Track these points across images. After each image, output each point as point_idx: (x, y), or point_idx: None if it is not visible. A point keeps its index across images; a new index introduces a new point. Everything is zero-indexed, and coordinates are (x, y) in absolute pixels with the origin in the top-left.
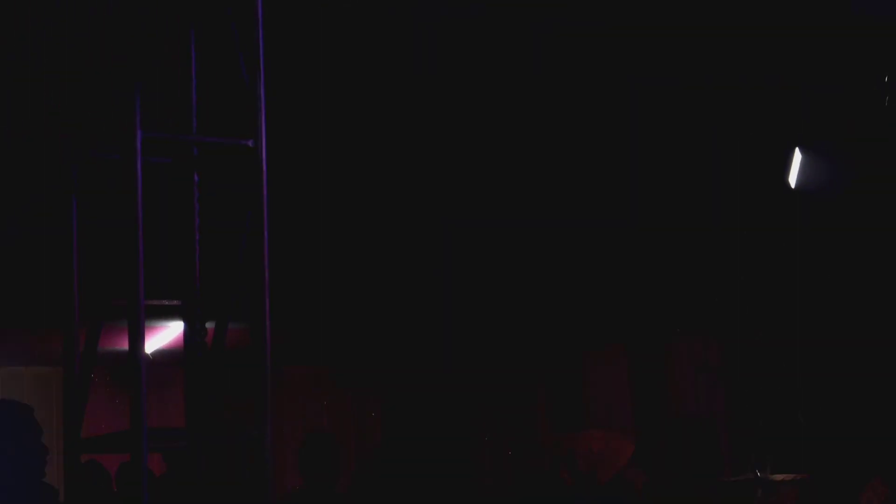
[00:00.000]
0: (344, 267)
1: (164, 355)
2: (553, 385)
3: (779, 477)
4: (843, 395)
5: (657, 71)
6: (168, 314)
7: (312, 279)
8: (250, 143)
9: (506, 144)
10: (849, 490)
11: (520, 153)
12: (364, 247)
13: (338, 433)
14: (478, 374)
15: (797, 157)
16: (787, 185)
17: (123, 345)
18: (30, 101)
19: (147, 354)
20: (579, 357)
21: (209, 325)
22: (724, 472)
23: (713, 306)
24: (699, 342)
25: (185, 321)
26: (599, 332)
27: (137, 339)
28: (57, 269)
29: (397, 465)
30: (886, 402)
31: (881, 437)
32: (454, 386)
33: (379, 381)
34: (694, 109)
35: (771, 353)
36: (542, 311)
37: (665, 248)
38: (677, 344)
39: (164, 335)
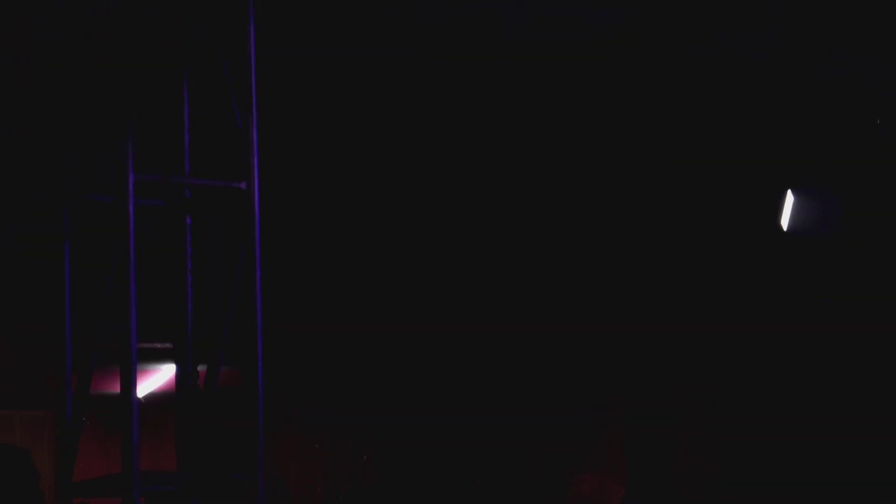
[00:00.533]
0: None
1: (156, 398)
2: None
3: None
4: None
5: None
6: (160, 357)
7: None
8: (243, 186)
9: None
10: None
11: None
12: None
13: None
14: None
15: (790, 199)
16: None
17: (115, 388)
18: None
19: (139, 398)
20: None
21: (201, 368)
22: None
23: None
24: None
25: (176, 364)
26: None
27: (130, 383)
28: (50, 312)
29: None
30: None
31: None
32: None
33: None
34: None
35: None
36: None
37: None
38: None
39: (157, 378)
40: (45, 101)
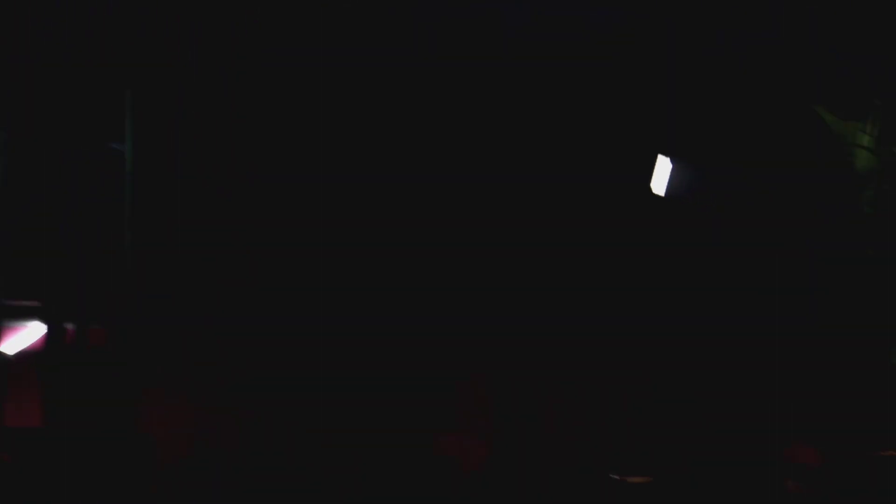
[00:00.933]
0: None
1: (23, 355)
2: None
3: (634, 479)
4: None
5: None
6: (28, 315)
7: None
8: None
9: None
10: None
11: None
12: None
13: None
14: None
15: (664, 164)
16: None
17: None
18: None
19: (6, 355)
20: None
21: (70, 326)
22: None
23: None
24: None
25: (44, 322)
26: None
27: None
28: None
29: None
30: None
31: None
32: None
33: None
34: None
35: None
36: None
37: None
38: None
39: (25, 336)
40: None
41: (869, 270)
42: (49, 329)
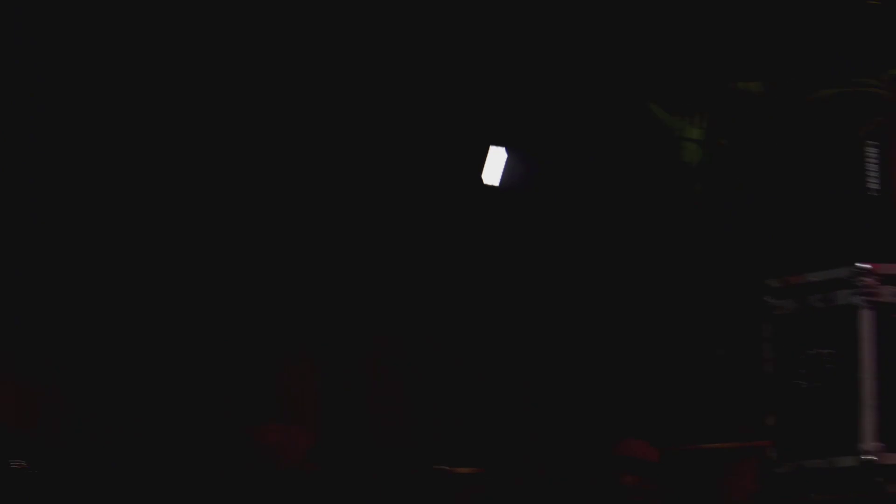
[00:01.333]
0: None
1: None
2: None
3: (462, 470)
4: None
5: None
6: None
7: None
8: None
9: None
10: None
11: None
12: None
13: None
14: None
15: (497, 154)
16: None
17: None
18: None
19: None
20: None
21: None
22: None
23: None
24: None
25: None
26: (294, 333)
27: None
28: None
29: None
30: None
31: None
32: None
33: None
34: None
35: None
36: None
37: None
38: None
39: None
40: None
41: (693, 263)
42: None
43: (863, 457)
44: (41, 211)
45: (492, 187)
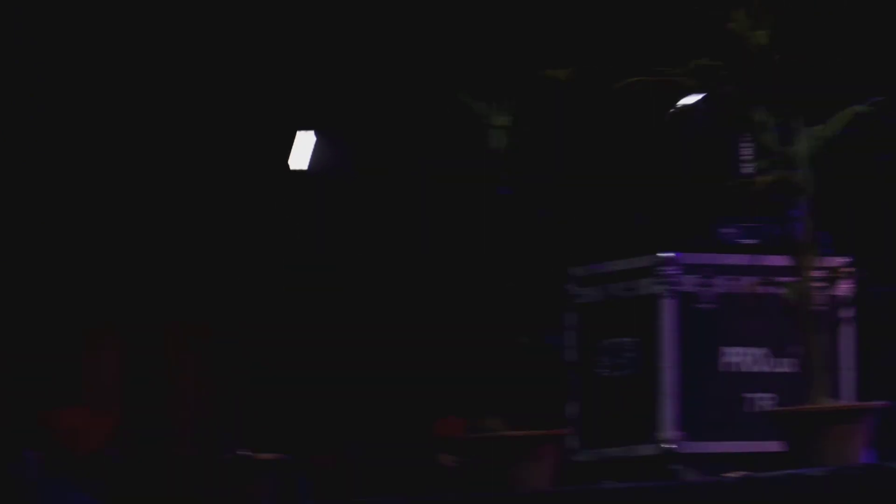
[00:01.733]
0: None
1: None
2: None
3: (263, 456)
4: None
5: None
6: None
7: None
8: None
9: None
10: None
11: None
12: None
13: None
14: None
15: (307, 138)
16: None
17: None
18: None
19: None
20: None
21: None
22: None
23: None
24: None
25: None
26: (98, 311)
27: None
28: None
29: None
30: None
31: None
32: None
33: None
34: None
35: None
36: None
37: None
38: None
39: None
40: None
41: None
42: None
43: (662, 445)
44: None
45: (300, 171)
